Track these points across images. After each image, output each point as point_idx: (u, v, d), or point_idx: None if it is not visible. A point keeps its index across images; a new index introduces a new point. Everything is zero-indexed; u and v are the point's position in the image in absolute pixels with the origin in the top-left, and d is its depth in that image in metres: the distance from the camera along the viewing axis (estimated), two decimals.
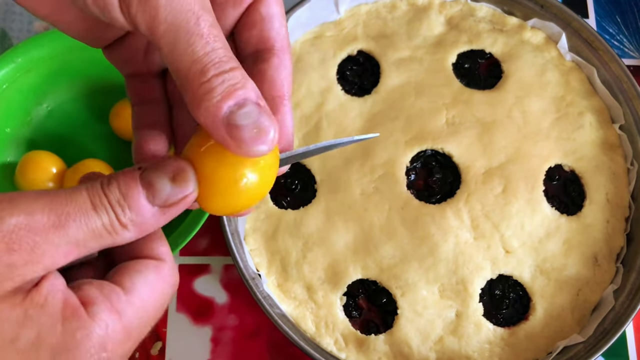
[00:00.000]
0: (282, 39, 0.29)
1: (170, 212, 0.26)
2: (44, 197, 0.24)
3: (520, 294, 0.52)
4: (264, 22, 0.29)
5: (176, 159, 0.26)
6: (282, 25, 0.29)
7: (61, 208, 0.24)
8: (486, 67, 0.58)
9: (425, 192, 0.53)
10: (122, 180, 0.25)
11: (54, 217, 0.24)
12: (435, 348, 0.50)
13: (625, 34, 0.66)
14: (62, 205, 0.24)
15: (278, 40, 0.29)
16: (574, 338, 0.50)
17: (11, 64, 0.54)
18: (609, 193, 0.55)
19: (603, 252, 0.53)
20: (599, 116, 0.57)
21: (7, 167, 0.54)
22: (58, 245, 0.24)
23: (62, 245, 0.24)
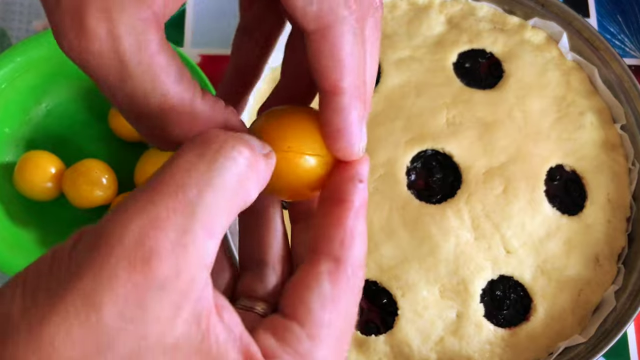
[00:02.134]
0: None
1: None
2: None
3: (521, 294, 0.52)
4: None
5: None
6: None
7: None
8: (487, 66, 0.58)
9: (425, 192, 0.53)
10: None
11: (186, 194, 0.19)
12: (435, 349, 0.49)
13: (626, 34, 0.66)
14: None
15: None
16: (575, 339, 0.49)
17: (10, 63, 0.53)
18: (610, 193, 0.54)
19: (604, 253, 0.53)
20: (600, 116, 0.57)
21: (6, 167, 0.54)
22: (193, 229, 0.19)
23: (193, 221, 0.19)
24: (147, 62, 0.21)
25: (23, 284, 0.19)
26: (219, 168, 0.20)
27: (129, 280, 0.18)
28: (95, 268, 0.18)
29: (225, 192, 0.20)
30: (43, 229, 0.53)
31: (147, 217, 0.19)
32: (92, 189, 0.52)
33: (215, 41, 0.62)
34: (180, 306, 0.19)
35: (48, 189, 0.53)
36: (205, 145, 0.20)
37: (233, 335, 0.20)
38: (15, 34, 0.62)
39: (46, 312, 0.18)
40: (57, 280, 0.18)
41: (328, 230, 0.23)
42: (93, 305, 0.18)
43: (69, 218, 0.54)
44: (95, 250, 0.18)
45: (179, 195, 0.19)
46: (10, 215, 0.53)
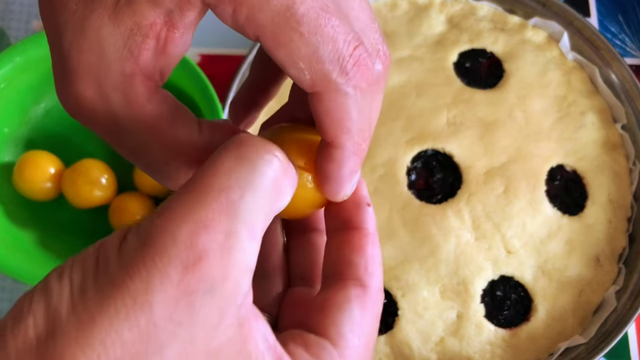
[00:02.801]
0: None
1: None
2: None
3: (522, 294, 0.51)
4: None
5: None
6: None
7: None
8: (487, 66, 0.58)
9: (426, 192, 0.53)
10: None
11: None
12: (436, 349, 0.49)
13: (627, 33, 0.66)
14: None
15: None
16: (575, 339, 0.49)
17: (9, 63, 0.53)
18: (611, 193, 0.54)
19: (605, 253, 0.53)
20: (601, 116, 0.57)
21: (5, 167, 0.54)
22: (237, 231, 0.19)
23: (237, 223, 0.19)
24: (137, 113, 0.22)
25: (69, 279, 0.19)
26: (258, 170, 0.20)
27: (180, 281, 0.18)
28: (146, 267, 0.18)
29: (265, 194, 0.20)
30: (42, 229, 0.53)
31: (196, 218, 0.19)
32: (91, 189, 0.52)
33: (215, 41, 0.62)
34: (226, 310, 0.19)
35: (47, 189, 0.53)
36: (242, 148, 0.21)
37: (269, 343, 0.21)
38: (15, 33, 0.62)
39: (96, 312, 0.18)
40: (106, 277, 0.18)
41: (350, 256, 0.24)
42: (142, 307, 0.18)
43: (68, 218, 0.54)
44: (145, 249, 0.18)
45: (223, 197, 0.19)
46: (9, 215, 0.52)
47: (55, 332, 0.18)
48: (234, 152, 0.21)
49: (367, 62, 0.22)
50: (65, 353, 0.18)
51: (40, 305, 0.19)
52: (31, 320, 0.18)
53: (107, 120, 0.22)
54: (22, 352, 0.18)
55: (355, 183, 0.25)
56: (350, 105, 0.22)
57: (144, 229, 0.19)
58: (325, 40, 0.21)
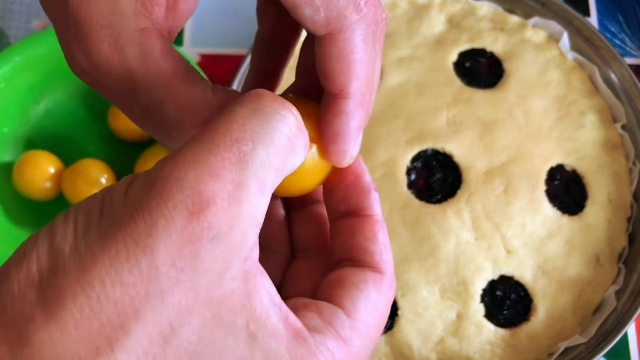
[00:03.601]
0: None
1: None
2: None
3: (522, 294, 0.51)
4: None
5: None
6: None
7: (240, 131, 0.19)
8: (487, 66, 0.58)
9: (426, 192, 0.53)
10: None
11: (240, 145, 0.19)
12: (436, 349, 0.49)
13: (627, 33, 0.66)
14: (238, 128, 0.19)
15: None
16: (575, 339, 0.49)
17: (9, 63, 0.53)
18: (611, 193, 0.54)
19: (605, 253, 0.53)
20: (601, 116, 0.57)
21: (5, 167, 0.54)
22: (246, 182, 0.19)
23: (247, 176, 0.19)
24: (153, 69, 0.21)
25: (74, 221, 0.19)
26: (273, 125, 0.20)
27: (185, 227, 0.18)
28: (151, 211, 0.18)
29: (278, 150, 0.20)
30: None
31: (205, 165, 0.18)
32: (91, 189, 0.52)
33: (215, 41, 0.62)
34: (231, 261, 0.19)
35: (47, 189, 0.53)
36: (259, 101, 0.20)
37: (274, 301, 0.20)
38: (15, 33, 0.62)
39: (97, 252, 0.18)
40: (110, 220, 0.18)
41: (365, 244, 0.24)
42: (145, 250, 0.18)
43: None
44: (150, 193, 0.18)
45: (234, 147, 0.19)
46: (9, 216, 0.52)
47: (58, 269, 0.18)
48: (250, 104, 0.20)
49: (376, 2, 0.22)
50: (66, 290, 0.18)
51: (45, 244, 0.19)
52: (35, 257, 0.18)
53: (122, 77, 0.21)
54: (25, 287, 0.18)
55: (359, 144, 0.25)
56: (361, 46, 0.22)
57: (151, 174, 0.19)
58: None
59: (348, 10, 0.22)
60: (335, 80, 0.23)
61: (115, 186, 0.19)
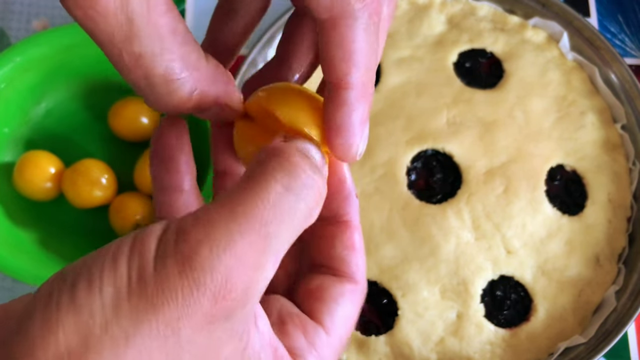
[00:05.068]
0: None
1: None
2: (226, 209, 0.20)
3: (522, 294, 0.51)
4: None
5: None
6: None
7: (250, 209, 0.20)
8: (487, 66, 0.58)
9: (426, 192, 0.53)
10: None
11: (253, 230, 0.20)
12: (436, 349, 0.49)
13: (627, 33, 0.66)
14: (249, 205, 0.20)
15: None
16: (575, 339, 0.49)
17: (9, 63, 0.53)
18: (611, 193, 0.54)
19: (605, 253, 0.53)
20: (601, 116, 0.57)
21: (5, 167, 0.54)
22: (264, 263, 0.20)
23: (267, 257, 0.20)
24: (154, 23, 0.21)
25: (100, 292, 0.19)
26: (300, 205, 0.21)
27: (209, 311, 0.19)
28: (184, 294, 0.19)
29: (299, 224, 0.21)
30: (42, 229, 0.53)
31: (233, 251, 0.19)
32: (91, 189, 0.52)
33: None
34: (235, 331, 0.20)
35: (47, 189, 0.53)
36: (293, 177, 0.21)
37: (265, 344, 0.22)
38: (15, 33, 0.62)
39: (130, 334, 0.19)
40: (141, 298, 0.19)
41: (344, 253, 0.26)
42: (173, 331, 0.19)
43: (68, 218, 0.54)
44: (184, 274, 0.19)
45: (262, 230, 0.20)
46: (9, 216, 0.52)
47: (89, 350, 0.18)
48: (283, 180, 0.21)
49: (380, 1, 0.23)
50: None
51: (69, 318, 0.19)
52: (61, 334, 0.18)
53: (120, 22, 0.21)
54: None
55: (366, 139, 0.25)
56: (362, 34, 0.22)
57: (184, 248, 0.19)
58: None
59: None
60: (335, 67, 0.23)
61: (142, 253, 0.20)
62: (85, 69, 0.56)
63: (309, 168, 0.22)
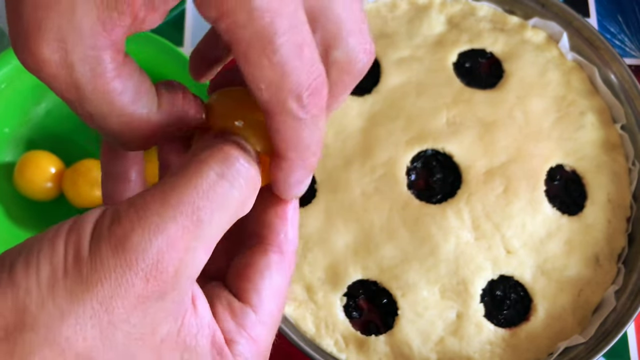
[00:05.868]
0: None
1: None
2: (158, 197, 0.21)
3: (522, 294, 0.51)
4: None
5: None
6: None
7: (187, 198, 0.21)
8: (487, 66, 0.58)
9: (425, 192, 0.53)
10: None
11: (185, 216, 0.21)
12: (436, 349, 0.49)
13: (626, 34, 0.66)
14: (185, 194, 0.21)
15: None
16: (575, 339, 0.49)
17: (10, 63, 0.53)
18: (611, 193, 0.54)
19: (604, 253, 0.53)
20: (600, 116, 0.57)
21: (6, 167, 0.54)
22: (196, 247, 0.21)
23: (198, 242, 0.21)
24: (101, 90, 0.22)
25: (36, 273, 0.20)
26: (233, 193, 0.22)
27: (142, 291, 0.20)
28: (117, 274, 0.20)
29: (232, 212, 0.22)
30: (43, 228, 0.53)
31: (165, 234, 0.20)
32: (91, 188, 0.52)
33: None
34: (170, 312, 0.21)
35: (48, 189, 0.53)
36: (226, 165, 0.22)
37: (203, 325, 0.23)
38: None
39: (65, 311, 0.19)
40: (76, 279, 0.20)
41: (274, 221, 0.26)
42: (107, 309, 0.20)
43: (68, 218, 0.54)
44: (118, 255, 0.20)
45: (194, 216, 0.21)
46: (10, 215, 0.53)
47: (25, 326, 0.19)
48: (216, 168, 0.22)
49: (321, 91, 0.23)
50: (34, 349, 0.19)
51: (8, 297, 0.19)
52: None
53: (69, 86, 0.22)
54: None
55: (305, 187, 0.26)
56: (300, 128, 0.23)
57: (118, 231, 0.20)
58: (292, 72, 0.22)
59: (289, 100, 0.22)
60: (275, 144, 0.24)
61: (78, 235, 0.21)
62: None
63: (242, 158, 0.23)
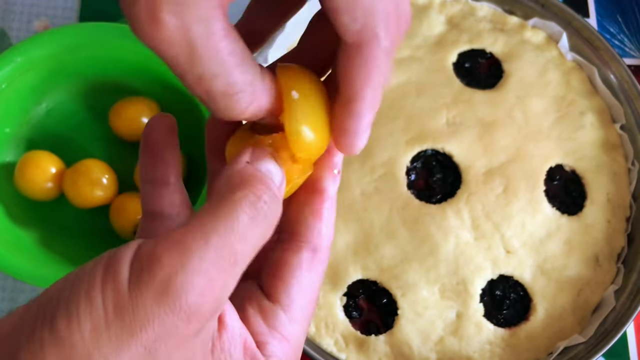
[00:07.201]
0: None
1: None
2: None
3: (521, 294, 0.52)
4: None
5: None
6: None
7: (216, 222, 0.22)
8: (487, 66, 0.58)
9: (425, 192, 0.53)
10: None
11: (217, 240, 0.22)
12: (435, 349, 0.49)
13: (626, 34, 0.66)
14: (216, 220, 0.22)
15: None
16: (574, 338, 0.50)
17: (10, 63, 0.53)
18: (610, 193, 0.55)
19: (604, 253, 0.53)
20: (600, 116, 0.57)
21: (6, 167, 0.54)
22: (231, 285, 0.22)
23: (233, 278, 0.22)
24: (213, 47, 0.23)
25: (79, 323, 0.20)
26: (265, 230, 0.23)
27: (183, 330, 0.21)
28: (160, 317, 0.20)
29: (257, 246, 0.23)
30: (43, 229, 0.53)
31: (206, 277, 0.21)
32: (92, 189, 0.52)
33: None
34: (204, 341, 0.22)
35: (48, 189, 0.53)
36: (256, 209, 0.23)
37: (234, 337, 0.23)
38: (15, 34, 0.62)
39: (112, 358, 0.20)
40: (120, 327, 0.20)
41: (308, 218, 0.27)
42: (151, 352, 0.20)
43: (69, 218, 0.54)
44: (160, 303, 0.20)
45: (232, 259, 0.22)
46: (10, 215, 0.53)
47: None
48: (248, 212, 0.23)
49: (402, 20, 0.24)
50: None
51: (53, 352, 0.20)
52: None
53: (183, 48, 0.23)
54: None
55: (368, 136, 0.26)
56: (382, 58, 0.24)
57: (158, 272, 0.21)
58: (381, 1, 0.23)
59: (379, 27, 0.23)
60: (353, 84, 0.24)
61: (115, 280, 0.21)
62: (86, 69, 0.56)
63: (269, 198, 0.23)
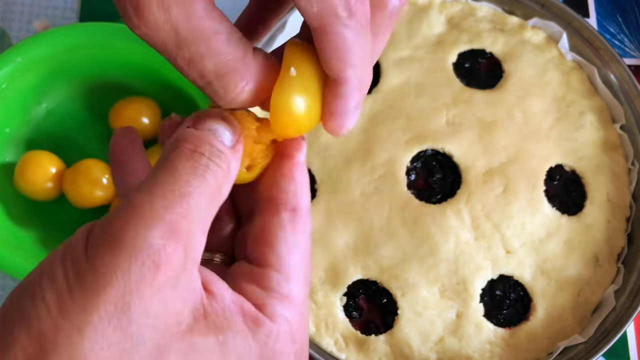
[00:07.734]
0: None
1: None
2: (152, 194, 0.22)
3: (521, 294, 0.52)
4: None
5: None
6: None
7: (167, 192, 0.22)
8: (487, 66, 0.58)
9: (425, 192, 0.53)
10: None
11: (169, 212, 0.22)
12: (435, 348, 0.49)
13: (626, 34, 0.66)
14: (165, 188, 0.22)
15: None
16: (574, 338, 0.50)
17: (10, 63, 0.53)
18: (610, 193, 0.55)
19: (604, 253, 0.53)
20: (600, 116, 0.57)
21: (6, 167, 0.54)
22: (195, 230, 0.22)
23: (194, 225, 0.22)
24: (196, 29, 0.23)
25: (43, 299, 0.20)
26: (208, 178, 0.23)
27: (154, 280, 0.20)
28: (122, 270, 0.20)
29: (212, 196, 0.23)
30: (43, 229, 0.53)
31: (165, 221, 0.21)
32: (92, 189, 0.52)
33: None
34: (186, 298, 0.22)
35: (48, 189, 0.53)
36: (196, 157, 0.23)
37: (227, 304, 0.23)
38: (16, 34, 0.62)
39: (81, 324, 0.19)
40: (82, 289, 0.20)
41: (281, 182, 0.27)
42: (123, 308, 0.20)
43: (69, 218, 0.54)
44: (118, 251, 0.20)
45: (184, 202, 0.22)
46: (10, 215, 0.53)
47: (47, 352, 0.19)
48: (189, 160, 0.23)
49: (366, 3, 0.24)
50: None
51: (23, 331, 0.20)
52: (19, 348, 0.20)
53: (168, 32, 0.23)
54: None
55: (356, 118, 0.27)
56: (351, 37, 0.24)
57: (111, 231, 0.21)
58: None
59: (338, 7, 0.23)
60: (332, 66, 0.24)
61: (73, 248, 0.21)
62: (86, 69, 0.56)
63: (208, 151, 0.24)
